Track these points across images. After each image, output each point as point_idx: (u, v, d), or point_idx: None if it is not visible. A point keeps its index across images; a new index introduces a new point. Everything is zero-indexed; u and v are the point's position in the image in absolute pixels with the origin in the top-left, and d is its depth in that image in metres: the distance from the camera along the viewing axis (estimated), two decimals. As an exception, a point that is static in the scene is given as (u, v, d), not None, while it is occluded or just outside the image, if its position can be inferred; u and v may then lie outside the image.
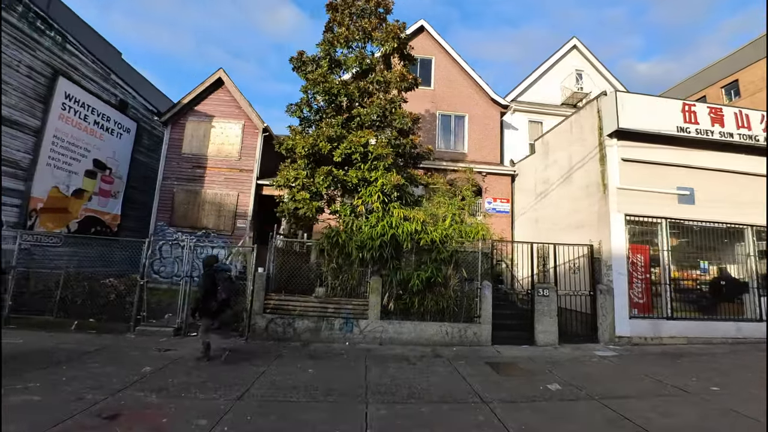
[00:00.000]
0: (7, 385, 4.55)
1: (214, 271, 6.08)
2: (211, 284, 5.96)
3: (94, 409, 4.07)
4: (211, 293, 5.94)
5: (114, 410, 4.07)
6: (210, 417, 4.02)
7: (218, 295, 5.94)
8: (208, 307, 5.98)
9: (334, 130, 7.35)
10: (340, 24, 8.47)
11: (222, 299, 5.98)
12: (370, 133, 7.35)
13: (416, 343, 7.44)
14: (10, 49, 9.70)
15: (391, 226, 7.24)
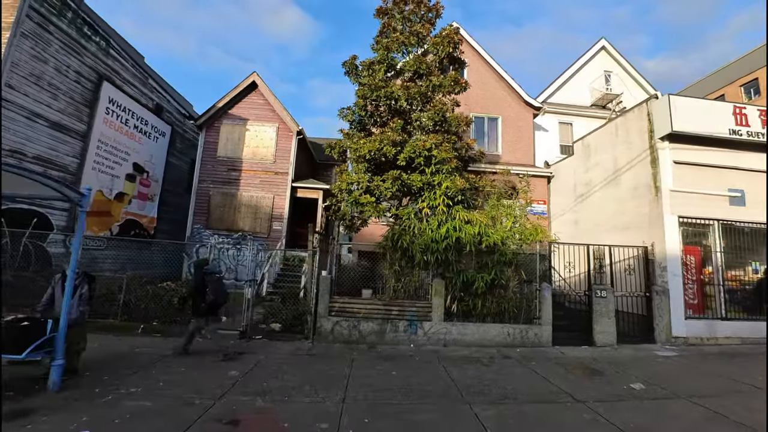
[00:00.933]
0: (113, 390, 4.64)
1: (204, 273, 6.29)
2: (202, 285, 6.15)
3: (211, 414, 4.13)
4: (201, 294, 6.13)
5: (230, 415, 4.13)
6: (328, 420, 4.09)
7: (207, 297, 6.10)
8: (199, 307, 6.19)
9: (397, 134, 7.44)
10: (394, 29, 8.56)
11: (211, 300, 6.13)
12: (435, 137, 7.45)
13: (479, 345, 7.53)
14: (60, 54, 9.79)
15: (455, 229, 7.34)
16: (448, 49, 8.28)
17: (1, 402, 3.90)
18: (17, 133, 8.85)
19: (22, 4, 8.70)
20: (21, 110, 8.90)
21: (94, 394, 4.51)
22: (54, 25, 9.55)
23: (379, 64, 8.34)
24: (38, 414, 3.91)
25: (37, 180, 4.20)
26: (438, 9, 8.91)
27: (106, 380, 4.99)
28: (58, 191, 4.50)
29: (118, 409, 4.13)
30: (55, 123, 9.75)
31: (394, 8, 8.99)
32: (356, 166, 7.90)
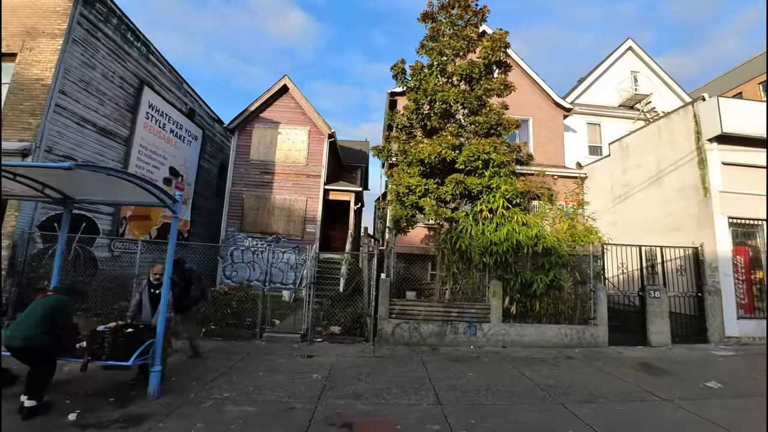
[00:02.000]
0: (208, 395, 4.69)
1: (185, 270, 6.27)
2: (187, 282, 6.16)
3: (319, 418, 4.18)
4: (186, 290, 6.11)
5: (339, 418, 4.19)
6: (436, 422, 4.16)
7: (192, 292, 6.11)
8: (183, 303, 6.12)
9: (455, 138, 7.52)
10: (443, 33, 8.64)
11: (196, 295, 6.18)
12: (495, 141, 7.53)
13: (537, 346, 7.60)
14: (107, 60, 9.88)
15: (514, 231, 7.41)
16: (500, 54, 8.36)
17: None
18: (69, 138, 8.93)
19: (74, 11, 8.78)
20: (73, 116, 8.98)
21: (192, 400, 4.56)
22: (101, 32, 9.63)
23: (430, 68, 8.42)
24: (152, 420, 3.95)
25: (143, 186, 4.27)
26: (484, 13, 8.98)
27: (194, 385, 5.05)
28: (156, 197, 4.57)
29: (226, 415, 4.18)
30: (101, 128, 9.83)
31: (440, 12, 9.07)
32: (411, 170, 7.96)
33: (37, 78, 8.45)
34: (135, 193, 4.52)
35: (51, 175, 4.42)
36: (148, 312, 5.12)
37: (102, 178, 4.47)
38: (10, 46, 8.66)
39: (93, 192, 5.05)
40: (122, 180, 4.10)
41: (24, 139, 8.20)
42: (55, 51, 8.53)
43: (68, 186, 4.77)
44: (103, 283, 8.66)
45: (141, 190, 4.42)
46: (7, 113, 8.35)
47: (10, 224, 7.94)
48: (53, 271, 5.45)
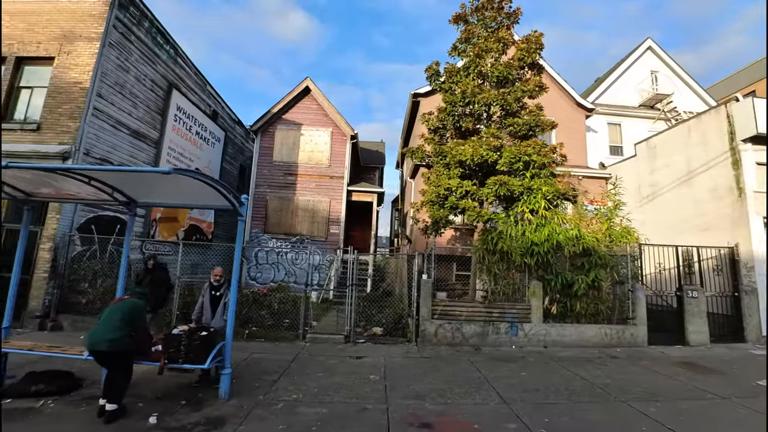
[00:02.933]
0: (276, 397, 4.73)
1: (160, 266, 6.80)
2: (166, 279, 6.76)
3: (396, 418, 4.22)
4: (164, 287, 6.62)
5: (415, 419, 4.22)
6: (511, 421, 4.21)
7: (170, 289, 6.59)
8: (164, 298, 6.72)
9: (496, 139, 7.57)
10: (478, 36, 8.68)
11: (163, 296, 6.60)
12: (536, 142, 7.59)
13: (578, 345, 7.64)
14: (139, 63, 9.93)
15: (555, 232, 7.46)
16: (535, 56, 8.41)
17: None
18: (106, 141, 8.98)
19: (110, 15, 8.83)
20: (108, 119, 9.03)
21: (262, 401, 4.59)
22: (134, 35, 9.68)
23: (466, 70, 8.47)
24: (232, 423, 3.97)
25: (221, 191, 4.31)
26: (517, 14, 9.02)
27: (258, 387, 5.08)
28: (229, 201, 4.60)
29: (301, 416, 4.21)
30: (134, 131, 9.88)
31: (473, 14, 9.12)
32: (451, 171, 7.99)
33: (75, 81, 8.50)
34: (204, 196, 4.56)
35: (127, 178, 4.47)
36: (208, 314, 5.16)
37: (169, 181, 4.53)
38: (48, 50, 8.71)
39: (157, 195, 5.10)
40: (203, 185, 4.12)
41: (64, 142, 8.25)
42: (93, 55, 8.58)
43: (135, 189, 4.81)
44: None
45: (211, 193, 4.46)
46: (47, 117, 8.40)
47: (51, 227, 7.99)
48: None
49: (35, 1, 8.96)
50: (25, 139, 8.34)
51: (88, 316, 7.93)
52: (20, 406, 4.22)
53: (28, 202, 5.13)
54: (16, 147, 8.15)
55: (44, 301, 7.84)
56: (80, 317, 7.90)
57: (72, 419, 3.95)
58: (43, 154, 8.03)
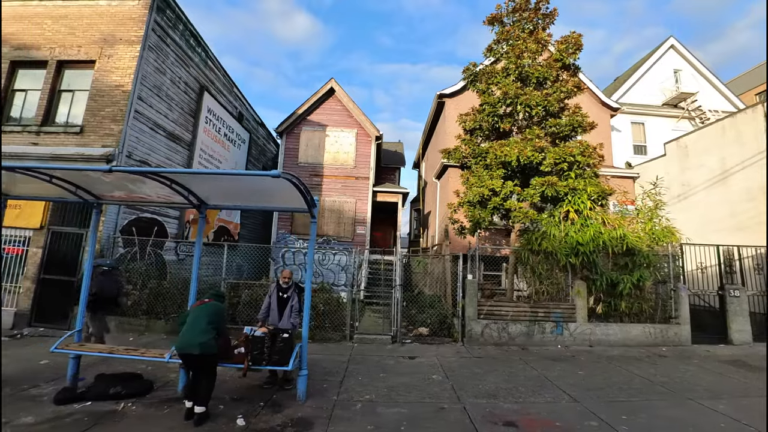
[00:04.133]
0: (350, 398, 4.77)
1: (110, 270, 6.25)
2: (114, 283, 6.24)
3: (478, 417, 4.26)
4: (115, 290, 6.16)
5: (495, 418, 4.26)
6: (589, 419, 4.25)
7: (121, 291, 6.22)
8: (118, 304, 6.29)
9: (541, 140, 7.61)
10: (517, 37, 8.71)
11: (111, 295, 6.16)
12: (581, 143, 7.62)
13: (622, 344, 7.68)
14: (174, 66, 9.98)
15: (600, 233, 7.49)
16: (574, 57, 8.45)
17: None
18: (145, 143, 9.03)
19: (149, 18, 8.88)
20: (147, 122, 9.08)
21: (338, 402, 4.61)
22: (170, 38, 9.73)
23: (505, 71, 8.50)
24: (319, 424, 3.97)
25: (300, 189, 4.34)
26: (553, 15, 9.05)
27: (327, 388, 5.11)
28: (307, 201, 4.62)
29: (384, 417, 4.24)
30: (170, 133, 9.93)
31: (510, 15, 9.15)
32: (494, 172, 8.02)
33: (117, 84, 8.55)
34: (282, 198, 4.60)
35: (203, 182, 4.51)
36: (275, 315, 5.19)
37: (245, 184, 4.58)
38: (89, 54, 8.77)
39: (228, 197, 5.14)
40: (290, 187, 4.15)
41: (107, 144, 8.30)
42: (133, 58, 8.63)
43: (208, 191, 4.85)
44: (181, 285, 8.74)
45: (288, 196, 4.50)
46: (89, 120, 8.46)
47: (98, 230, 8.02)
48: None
49: (75, 5, 9.03)
50: (69, 142, 8.40)
51: (133, 318, 8.00)
52: (101, 409, 4.26)
53: (97, 205, 5.18)
54: (61, 150, 8.22)
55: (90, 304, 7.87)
56: (126, 319, 7.95)
57: (160, 422, 3.98)
58: (88, 156, 8.09)
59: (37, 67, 8.93)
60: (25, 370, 5.51)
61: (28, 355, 6.25)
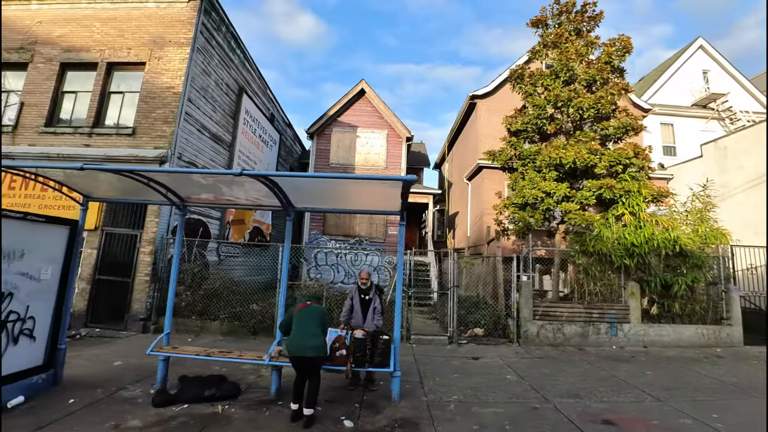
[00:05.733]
0: (439, 398, 4.83)
1: None
2: None
3: (571, 416, 4.32)
4: None
5: (590, 417, 4.31)
6: (680, 417, 4.30)
7: None
8: None
9: (595, 142, 7.66)
10: (566, 40, 8.74)
11: None
12: (636, 146, 7.67)
13: (675, 345, 7.72)
14: (218, 68, 10.04)
15: (654, 234, 7.54)
16: (623, 59, 8.49)
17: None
18: (193, 145, 9.08)
19: (198, 20, 8.93)
20: (195, 123, 9.13)
21: (431, 403, 4.61)
22: (215, 40, 9.78)
23: (555, 74, 8.54)
24: (425, 425, 3.98)
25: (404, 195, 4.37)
26: (599, 18, 9.09)
27: (410, 389, 5.10)
28: (402, 204, 4.65)
29: (482, 417, 4.26)
30: (213, 135, 9.99)
31: (555, 17, 9.19)
32: (539, 174, 8.07)
33: (168, 86, 8.60)
34: (375, 201, 4.65)
35: (299, 187, 4.56)
36: (359, 317, 5.24)
37: (336, 187, 4.63)
38: (139, 56, 8.82)
39: (323, 201, 5.16)
40: (392, 190, 4.18)
41: (159, 146, 8.35)
42: (183, 60, 8.68)
43: (296, 194, 4.89)
44: (231, 286, 8.79)
45: (383, 200, 4.55)
46: (141, 121, 8.51)
47: (151, 230, 8.10)
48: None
49: (123, 8, 9.08)
50: (121, 143, 8.45)
51: (188, 319, 8.05)
52: (201, 411, 4.25)
53: (182, 207, 5.23)
54: (114, 151, 8.28)
55: (146, 305, 7.95)
56: (181, 320, 8.00)
57: (268, 425, 3.96)
58: (141, 158, 8.14)
59: (86, 69, 8.98)
60: (104, 371, 5.56)
61: (98, 356, 6.30)
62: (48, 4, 9.20)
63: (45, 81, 8.86)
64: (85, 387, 4.85)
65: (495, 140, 13.12)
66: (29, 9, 9.24)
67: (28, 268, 4.46)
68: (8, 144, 8.64)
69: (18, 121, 8.72)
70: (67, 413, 4.08)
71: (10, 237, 4.23)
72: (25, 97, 8.84)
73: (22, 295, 4.41)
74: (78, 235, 5.11)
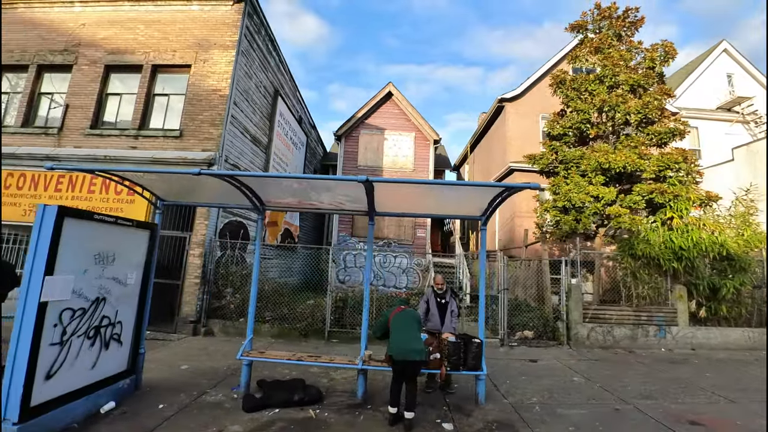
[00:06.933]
0: (520, 401, 4.88)
1: None
2: None
3: (656, 416, 4.39)
4: None
5: (675, 417, 4.38)
6: (762, 418, 4.37)
7: None
8: None
9: (644, 147, 7.74)
10: (609, 45, 8.82)
11: None
12: (685, 151, 7.76)
13: (722, 348, 7.79)
14: (258, 70, 10.07)
15: (701, 238, 7.62)
16: (667, 64, 8.58)
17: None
18: (236, 147, 9.11)
19: (242, 23, 8.96)
20: (239, 126, 9.16)
21: (515, 405, 4.66)
22: (256, 43, 9.82)
23: (600, 79, 8.61)
24: (521, 427, 4.06)
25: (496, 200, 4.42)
26: (640, 23, 9.18)
27: (487, 391, 5.16)
28: (492, 207, 4.69)
29: (571, 418, 4.33)
30: (253, 137, 10.02)
31: (596, 22, 9.27)
32: (584, 179, 8.14)
33: (214, 89, 8.62)
34: (457, 206, 4.69)
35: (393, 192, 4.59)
36: (436, 320, 5.27)
37: (422, 191, 4.68)
38: (184, 58, 8.84)
39: (401, 205, 5.19)
40: (475, 195, 4.25)
41: (207, 149, 8.37)
42: (229, 62, 8.71)
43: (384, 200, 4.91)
44: (278, 288, 8.83)
45: (469, 204, 4.60)
46: (188, 124, 8.53)
47: (200, 232, 8.12)
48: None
49: (167, 10, 9.10)
50: (168, 146, 8.47)
51: (237, 321, 8.06)
52: (294, 416, 4.22)
53: (261, 211, 5.26)
54: (160, 154, 8.29)
55: (196, 307, 7.96)
56: (230, 322, 8.03)
57: (368, 429, 3.96)
58: (191, 161, 8.15)
59: (131, 72, 8.99)
60: (174, 375, 5.56)
61: (161, 360, 6.30)
62: (91, 6, 9.21)
63: (90, 83, 8.87)
64: (166, 391, 4.86)
65: (524, 143, 13.23)
66: (72, 11, 9.25)
67: (118, 272, 4.48)
68: (53, 146, 8.64)
69: (63, 123, 8.72)
70: (163, 419, 4.09)
71: (105, 241, 4.26)
72: (69, 99, 8.84)
73: (113, 300, 4.43)
74: (155, 238, 5.13)
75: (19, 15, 9.32)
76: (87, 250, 4.03)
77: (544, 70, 13.47)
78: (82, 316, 4.01)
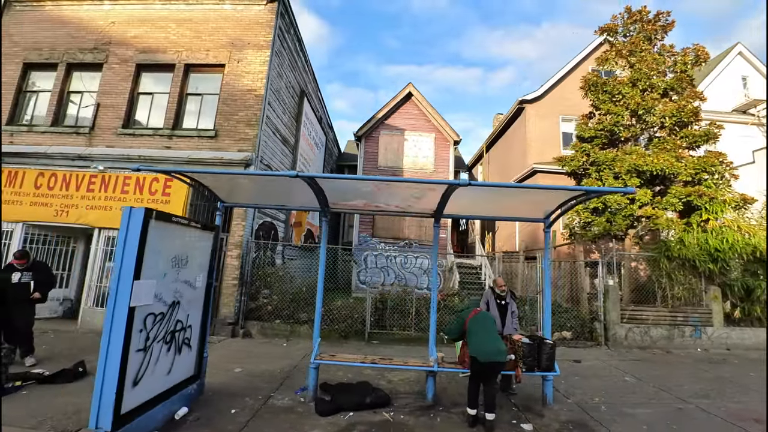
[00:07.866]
0: (583, 402, 4.93)
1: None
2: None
3: (719, 414, 4.47)
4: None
5: (734, 416, 4.48)
6: None
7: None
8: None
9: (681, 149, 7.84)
10: (642, 49, 8.90)
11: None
12: (720, 154, 7.86)
13: (756, 348, 7.92)
14: (287, 70, 10.04)
15: (737, 240, 7.74)
16: (700, 67, 8.68)
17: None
18: (269, 147, 9.07)
19: (276, 23, 8.91)
20: (271, 126, 9.12)
21: (580, 405, 4.71)
22: (286, 43, 9.77)
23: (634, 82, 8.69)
24: (594, 426, 4.11)
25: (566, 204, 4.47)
26: (670, 27, 9.26)
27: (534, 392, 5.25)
28: (554, 211, 4.75)
29: (640, 418, 4.39)
30: (283, 137, 9.97)
31: (627, 26, 9.35)
32: (619, 181, 8.23)
33: (249, 89, 8.57)
34: (525, 208, 4.73)
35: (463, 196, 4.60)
36: (498, 322, 5.32)
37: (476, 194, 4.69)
38: (218, 58, 8.77)
39: (470, 208, 5.21)
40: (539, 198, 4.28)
41: (243, 149, 8.33)
42: (264, 62, 8.66)
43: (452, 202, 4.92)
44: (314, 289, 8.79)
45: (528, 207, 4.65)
46: (223, 124, 8.47)
47: (237, 234, 8.08)
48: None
49: (199, 9, 9.02)
50: (203, 146, 8.41)
51: (274, 323, 8.04)
52: (372, 419, 4.17)
53: (325, 213, 5.26)
54: (196, 154, 8.23)
55: (234, 308, 7.92)
56: (268, 324, 8.00)
57: (449, 431, 4.04)
58: (227, 161, 8.11)
59: (163, 71, 8.91)
60: (231, 378, 5.51)
61: (211, 363, 6.20)
62: (122, 4, 9.10)
63: (121, 82, 8.77)
64: (230, 396, 4.82)
65: (543, 144, 13.33)
66: (102, 9, 9.13)
67: (189, 275, 4.44)
68: (85, 145, 8.54)
69: (95, 123, 8.61)
70: (241, 424, 4.05)
71: (179, 244, 4.23)
72: (101, 98, 8.74)
73: (185, 303, 4.39)
74: (218, 239, 5.10)
75: (47, 13, 9.18)
76: (166, 253, 3.99)
77: (564, 71, 13.56)
78: (162, 321, 3.97)
